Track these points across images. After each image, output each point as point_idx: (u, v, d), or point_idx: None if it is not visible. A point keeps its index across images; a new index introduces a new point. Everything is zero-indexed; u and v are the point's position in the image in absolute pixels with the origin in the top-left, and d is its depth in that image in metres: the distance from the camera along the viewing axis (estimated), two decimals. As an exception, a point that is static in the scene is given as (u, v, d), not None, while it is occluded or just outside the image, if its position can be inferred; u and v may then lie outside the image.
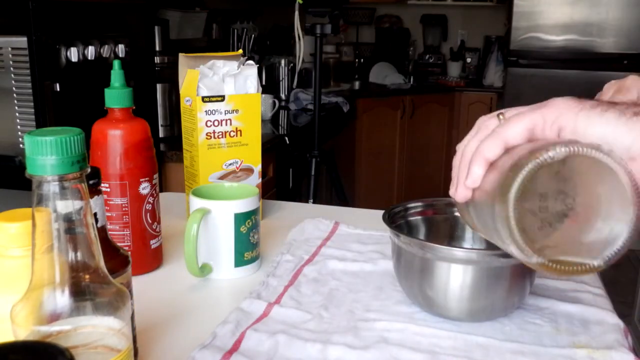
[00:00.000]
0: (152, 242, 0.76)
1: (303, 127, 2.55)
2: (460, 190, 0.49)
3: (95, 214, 0.49)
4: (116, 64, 0.71)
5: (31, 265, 0.38)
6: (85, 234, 0.39)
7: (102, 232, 0.50)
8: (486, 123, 0.50)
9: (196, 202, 0.74)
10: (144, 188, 0.73)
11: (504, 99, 3.67)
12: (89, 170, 0.39)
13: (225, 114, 0.89)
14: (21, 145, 1.57)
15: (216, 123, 0.89)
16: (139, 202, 0.73)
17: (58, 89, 1.55)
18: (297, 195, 2.44)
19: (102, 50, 1.70)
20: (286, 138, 2.32)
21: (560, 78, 3.47)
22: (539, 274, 0.71)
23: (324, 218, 0.94)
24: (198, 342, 0.58)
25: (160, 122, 2.08)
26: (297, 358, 0.57)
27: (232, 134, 0.91)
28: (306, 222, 0.92)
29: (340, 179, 2.37)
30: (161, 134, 2.08)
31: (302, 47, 2.27)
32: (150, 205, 0.75)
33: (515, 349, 0.58)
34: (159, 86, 2.04)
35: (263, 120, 1.44)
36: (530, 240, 0.42)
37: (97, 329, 0.40)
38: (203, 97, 0.87)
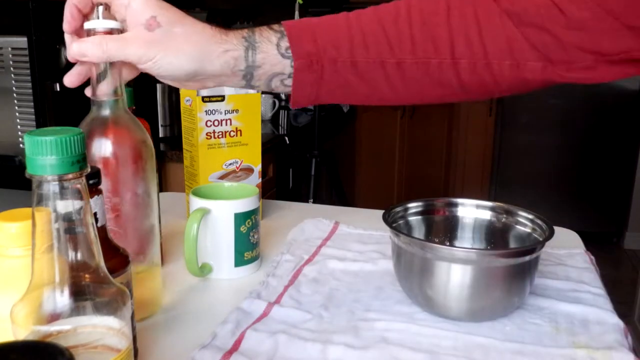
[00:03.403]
0: (152, 242, 0.76)
1: (303, 127, 2.54)
2: None
3: (95, 214, 0.49)
4: (116, 64, 0.71)
5: (31, 265, 0.38)
6: (85, 233, 0.39)
7: (102, 232, 0.50)
8: None
9: (196, 202, 0.74)
10: (144, 188, 0.73)
11: (504, 98, 3.67)
12: (89, 170, 0.39)
13: (225, 113, 0.89)
14: (21, 145, 1.57)
15: (216, 123, 0.89)
16: (139, 202, 0.73)
17: (58, 89, 1.55)
18: (297, 195, 2.44)
19: (102, 50, 1.69)
20: (286, 138, 2.32)
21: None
22: (539, 274, 0.71)
23: (324, 218, 0.94)
24: (198, 342, 0.58)
25: (160, 122, 2.08)
26: (297, 358, 0.57)
27: (232, 133, 0.91)
28: (306, 222, 0.92)
29: (340, 179, 2.37)
30: (161, 134, 2.08)
31: (302, 47, 2.26)
32: (150, 205, 0.74)
33: (515, 349, 0.58)
34: (159, 86, 2.04)
35: (263, 120, 1.44)
36: None
37: (97, 329, 0.40)
38: (203, 97, 0.87)
